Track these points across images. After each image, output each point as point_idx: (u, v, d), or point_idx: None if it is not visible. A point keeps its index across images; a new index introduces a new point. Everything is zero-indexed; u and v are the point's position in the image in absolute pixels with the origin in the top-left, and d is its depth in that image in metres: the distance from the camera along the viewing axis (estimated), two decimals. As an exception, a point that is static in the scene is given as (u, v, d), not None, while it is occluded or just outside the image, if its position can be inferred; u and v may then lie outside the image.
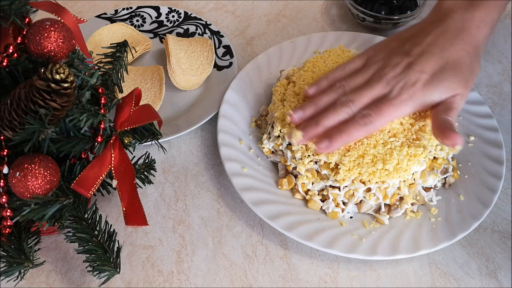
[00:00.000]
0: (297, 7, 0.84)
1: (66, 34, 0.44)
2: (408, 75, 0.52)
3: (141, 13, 0.80)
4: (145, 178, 0.55)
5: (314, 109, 0.55)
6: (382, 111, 0.52)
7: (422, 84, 0.52)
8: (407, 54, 0.54)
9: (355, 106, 0.53)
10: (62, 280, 0.54)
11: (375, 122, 0.51)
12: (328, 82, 0.57)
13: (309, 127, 0.53)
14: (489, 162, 0.60)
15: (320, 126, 0.52)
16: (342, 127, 0.52)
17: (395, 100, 0.52)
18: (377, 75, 0.54)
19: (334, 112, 0.53)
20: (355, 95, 0.53)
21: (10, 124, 0.43)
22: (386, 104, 0.52)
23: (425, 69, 0.52)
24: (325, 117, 0.53)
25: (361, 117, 0.52)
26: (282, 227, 0.54)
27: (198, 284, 0.54)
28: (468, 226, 0.54)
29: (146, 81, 0.69)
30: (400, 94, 0.52)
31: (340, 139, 0.52)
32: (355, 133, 0.52)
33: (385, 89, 0.53)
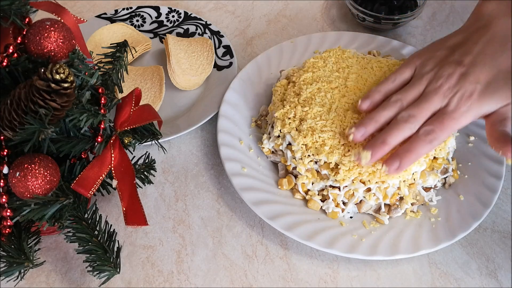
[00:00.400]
0: (297, 7, 0.84)
1: (66, 34, 0.44)
2: (464, 87, 0.52)
3: (141, 13, 0.80)
4: (145, 178, 0.55)
5: (375, 126, 0.54)
6: (444, 125, 0.52)
7: (478, 95, 0.52)
8: (458, 64, 0.54)
9: (417, 121, 0.53)
10: (62, 280, 0.54)
11: (439, 138, 0.52)
12: (381, 95, 0.57)
13: (377, 147, 0.52)
14: (489, 162, 0.60)
15: (387, 145, 0.52)
16: (409, 146, 0.52)
17: (455, 113, 0.52)
18: (432, 88, 0.54)
19: (398, 129, 0.52)
20: (415, 110, 0.53)
21: (10, 124, 0.43)
22: (447, 119, 0.52)
23: (480, 79, 0.52)
24: (390, 136, 0.52)
25: (426, 134, 0.52)
26: (282, 227, 0.54)
27: (198, 284, 0.54)
28: (468, 226, 0.54)
29: (146, 81, 0.69)
30: (459, 107, 0.52)
31: (409, 159, 0.52)
32: (422, 151, 0.52)
33: (442, 102, 0.53)
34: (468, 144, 0.62)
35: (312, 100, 0.59)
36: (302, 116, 0.58)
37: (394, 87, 0.57)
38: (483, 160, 0.60)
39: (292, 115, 0.59)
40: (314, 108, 0.58)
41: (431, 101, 0.53)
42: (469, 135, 0.63)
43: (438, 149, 0.56)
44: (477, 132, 0.63)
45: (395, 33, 0.79)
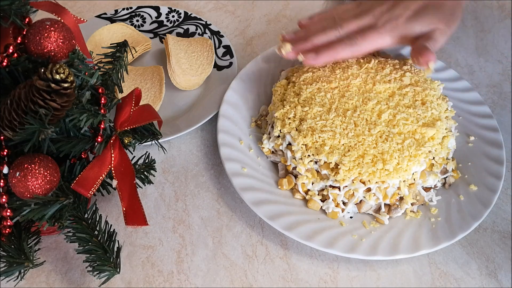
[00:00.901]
0: (297, 7, 0.84)
1: (66, 34, 0.44)
2: (394, 11, 0.59)
3: (141, 13, 0.80)
4: (145, 178, 0.55)
5: (305, 32, 0.60)
6: (367, 35, 0.58)
7: (406, 17, 0.58)
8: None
9: (343, 30, 0.59)
10: (62, 280, 0.54)
11: (360, 44, 0.57)
12: (320, 16, 0.63)
13: (299, 42, 0.59)
14: (489, 162, 0.60)
15: (309, 42, 0.59)
16: (330, 44, 0.58)
17: (380, 29, 0.58)
18: (365, 11, 0.60)
19: (323, 32, 0.59)
20: (344, 22, 0.59)
21: (10, 124, 0.43)
22: (371, 31, 0.58)
23: (410, 7, 0.58)
24: (314, 35, 0.59)
25: (348, 39, 0.58)
26: (282, 227, 0.54)
27: (198, 284, 0.54)
28: (468, 226, 0.54)
29: (146, 81, 0.69)
30: (384, 25, 0.58)
31: (327, 53, 0.57)
32: (341, 51, 0.58)
33: (371, 21, 0.59)
34: (468, 144, 0.62)
35: (312, 100, 0.59)
36: (302, 116, 0.58)
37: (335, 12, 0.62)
38: (483, 160, 0.60)
39: (292, 115, 0.59)
40: (314, 108, 0.58)
41: (360, 18, 0.59)
42: (469, 135, 0.63)
43: (438, 149, 0.56)
44: (477, 132, 0.63)
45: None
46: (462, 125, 0.64)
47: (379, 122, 0.57)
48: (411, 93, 0.59)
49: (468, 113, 0.65)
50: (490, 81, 0.72)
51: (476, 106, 0.65)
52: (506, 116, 0.67)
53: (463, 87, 0.67)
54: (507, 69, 0.74)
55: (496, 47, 0.77)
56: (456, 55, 0.76)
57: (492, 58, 0.75)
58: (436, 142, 0.56)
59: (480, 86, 0.72)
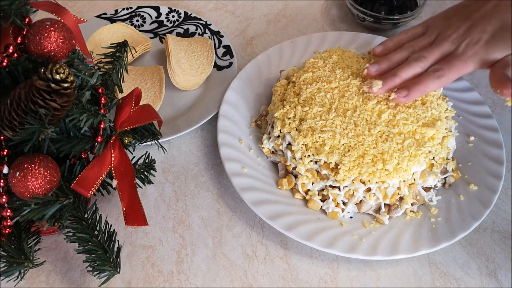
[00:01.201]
0: (297, 7, 0.84)
1: (66, 34, 0.44)
2: (471, 35, 0.57)
3: (141, 13, 0.80)
4: (145, 178, 0.55)
5: (388, 64, 0.60)
6: (452, 65, 0.56)
7: (484, 42, 0.56)
8: (467, 18, 0.59)
9: (427, 61, 0.58)
10: (62, 280, 0.54)
11: (447, 75, 0.56)
12: (393, 43, 0.62)
13: (388, 78, 0.58)
14: (489, 162, 0.60)
15: (398, 77, 0.58)
16: (418, 79, 0.57)
17: (463, 56, 0.56)
18: (442, 36, 0.59)
19: (409, 66, 0.58)
20: (426, 52, 0.58)
21: (10, 124, 0.43)
22: (455, 59, 0.57)
23: (486, 29, 0.57)
24: (401, 70, 0.58)
25: (434, 70, 0.57)
26: (282, 227, 0.54)
27: (198, 284, 0.54)
28: (468, 226, 0.54)
29: (146, 81, 0.69)
30: (466, 51, 0.57)
31: (418, 89, 0.57)
32: (430, 84, 0.57)
33: (451, 47, 0.58)
34: (468, 144, 0.62)
35: (312, 100, 0.59)
36: (302, 116, 0.58)
37: (406, 38, 0.62)
38: (483, 160, 0.60)
39: (292, 115, 0.59)
40: (314, 108, 0.58)
41: (440, 46, 0.58)
42: (469, 135, 0.63)
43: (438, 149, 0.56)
44: (477, 132, 0.63)
45: (395, 33, 0.79)
46: (462, 125, 0.64)
47: (379, 122, 0.57)
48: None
49: (468, 113, 0.65)
50: (490, 81, 0.72)
51: (476, 106, 0.65)
52: (506, 116, 0.67)
53: (463, 87, 0.67)
54: (507, 69, 0.74)
55: (496, 47, 0.77)
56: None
57: (492, 58, 0.75)
58: (436, 142, 0.56)
59: (480, 86, 0.72)
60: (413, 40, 0.61)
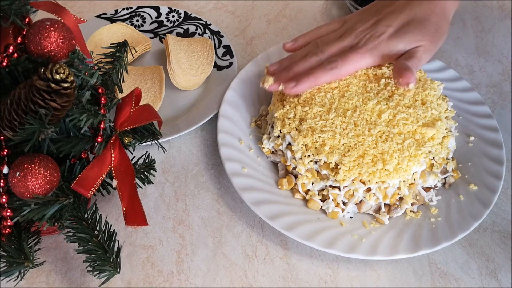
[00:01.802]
0: (297, 7, 0.84)
1: (66, 34, 0.44)
2: (375, 29, 0.57)
3: (141, 13, 0.80)
4: (145, 178, 0.55)
5: (289, 62, 0.59)
6: (347, 57, 0.56)
7: (388, 36, 0.56)
8: (377, 12, 0.59)
9: (323, 54, 0.58)
10: (62, 280, 0.54)
11: (341, 68, 0.56)
12: (305, 39, 0.62)
13: (281, 73, 0.58)
14: (489, 162, 0.60)
15: (291, 72, 0.57)
16: (309, 71, 0.57)
17: (361, 49, 0.57)
18: (348, 31, 0.59)
19: (304, 60, 0.58)
20: (326, 46, 0.58)
21: (10, 124, 0.42)
22: (352, 52, 0.57)
23: (392, 24, 0.57)
24: (296, 64, 0.58)
25: (328, 63, 0.57)
26: (282, 227, 0.54)
27: (198, 284, 0.54)
28: (468, 226, 0.54)
29: (146, 81, 0.69)
30: (366, 44, 0.57)
31: (307, 80, 0.56)
32: (322, 77, 0.56)
33: (353, 41, 0.58)
34: (468, 144, 0.62)
35: (312, 100, 0.59)
36: (302, 116, 0.58)
37: (319, 33, 0.62)
38: (483, 160, 0.60)
39: (292, 115, 0.59)
40: (314, 108, 0.58)
41: (342, 40, 0.58)
42: (469, 135, 0.63)
43: (438, 149, 0.56)
44: (477, 132, 0.63)
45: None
46: (462, 125, 0.64)
47: (379, 122, 0.57)
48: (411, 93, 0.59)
49: (468, 113, 0.65)
50: (490, 81, 0.72)
51: (476, 106, 0.65)
52: (506, 116, 0.67)
53: (463, 87, 0.67)
54: (507, 69, 0.74)
55: (496, 47, 0.77)
56: (456, 55, 0.76)
57: (492, 58, 0.75)
58: (436, 142, 0.56)
59: (480, 86, 0.72)
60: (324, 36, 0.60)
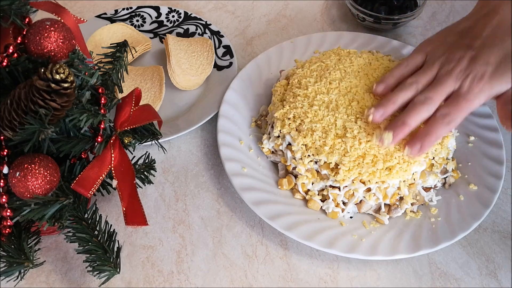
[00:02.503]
0: (297, 7, 0.84)
1: (66, 34, 0.44)
2: (475, 69, 0.54)
3: (141, 13, 0.80)
4: (145, 178, 0.55)
5: (393, 107, 0.56)
6: (459, 107, 0.54)
7: (489, 76, 0.54)
8: (468, 47, 0.56)
9: (433, 103, 0.54)
10: (62, 280, 0.54)
11: (456, 119, 0.54)
12: (395, 79, 0.59)
13: (398, 128, 0.54)
14: (489, 162, 0.60)
15: (407, 126, 0.54)
16: (428, 129, 0.54)
17: (468, 95, 0.54)
18: (445, 71, 0.55)
19: (416, 111, 0.54)
20: (431, 93, 0.55)
21: (10, 124, 0.43)
22: (462, 101, 0.54)
23: (490, 61, 0.54)
24: (409, 117, 0.54)
25: (443, 116, 0.54)
26: (282, 227, 0.54)
27: (198, 284, 0.54)
28: (468, 226, 0.54)
29: (146, 81, 0.69)
30: (471, 88, 0.54)
31: (429, 140, 0.54)
32: (441, 132, 0.54)
33: (455, 84, 0.55)
34: (468, 144, 0.62)
35: (312, 100, 0.59)
36: (302, 117, 0.58)
37: (407, 71, 0.59)
38: (483, 160, 0.60)
39: (292, 116, 0.59)
40: (314, 108, 0.58)
41: (445, 84, 0.55)
42: (469, 135, 0.63)
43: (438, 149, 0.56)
44: (477, 132, 0.63)
45: (395, 33, 0.79)
46: (462, 125, 0.64)
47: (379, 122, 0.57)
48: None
49: (468, 113, 0.65)
50: (490, 81, 0.72)
51: (476, 106, 0.65)
52: (506, 116, 0.67)
53: (463, 87, 0.67)
54: (507, 69, 0.74)
55: (496, 47, 0.77)
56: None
57: (492, 58, 0.75)
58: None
59: (480, 86, 0.71)
60: (414, 75, 0.57)
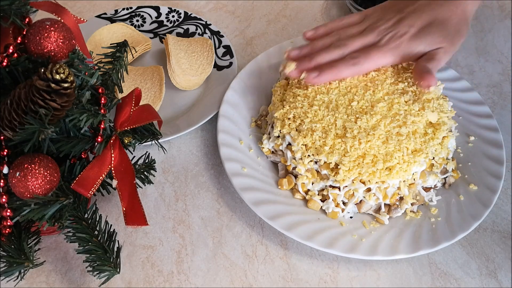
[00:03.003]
0: (297, 7, 0.84)
1: (66, 34, 0.44)
2: (397, 28, 0.58)
3: (141, 13, 0.80)
4: (145, 178, 0.55)
5: (309, 50, 0.60)
6: (370, 55, 0.57)
7: (409, 36, 0.57)
8: (399, 11, 0.59)
9: (346, 48, 0.58)
10: (62, 280, 0.54)
11: (363, 64, 0.57)
12: (326, 29, 0.62)
13: (303, 61, 0.59)
14: (489, 162, 0.60)
15: (313, 61, 0.58)
16: (332, 63, 0.58)
17: (383, 47, 0.57)
18: (370, 27, 0.60)
19: (327, 51, 0.59)
20: (348, 40, 0.59)
21: (10, 124, 0.43)
22: (374, 50, 0.57)
23: (414, 24, 0.57)
24: (318, 54, 0.59)
25: (351, 58, 0.58)
26: (282, 227, 0.54)
27: (198, 284, 0.54)
28: (468, 226, 0.54)
29: (146, 81, 0.69)
30: (388, 43, 0.57)
31: (330, 72, 0.57)
32: (344, 71, 0.57)
33: (375, 38, 0.58)
34: (468, 144, 0.62)
35: (312, 100, 0.59)
36: (302, 117, 0.58)
37: (340, 25, 0.62)
38: (483, 160, 0.60)
39: (292, 116, 0.59)
40: (314, 108, 0.58)
41: (365, 36, 0.59)
42: (469, 135, 0.63)
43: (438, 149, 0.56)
44: (477, 132, 0.63)
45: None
46: (462, 125, 0.64)
47: (380, 123, 0.56)
48: (411, 93, 0.59)
49: (468, 113, 0.65)
50: (490, 81, 0.72)
51: (476, 106, 0.65)
52: (506, 116, 0.67)
53: (463, 87, 0.67)
54: (507, 69, 0.74)
55: (496, 47, 0.77)
56: (456, 55, 0.76)
57: (492, 58, 0.75)
58: (436, 142, 0.56)
59: (480, 86, 0.72)
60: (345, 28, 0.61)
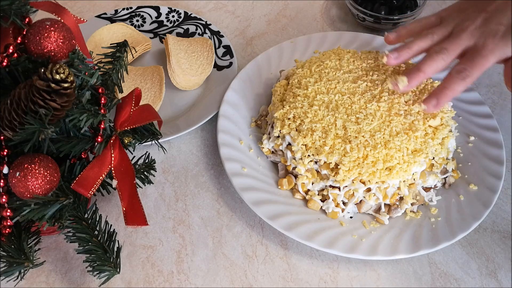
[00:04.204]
0: (297, 7, 0.84)
1: (66, 34, 0.44)
2: (488, 27, 0.55)
3: (141, 13, 0.80)
4: (145, 178, 0.55)
5: (408, 52, 0.57)
6: (474, 63, 0.54)
7: (502, 35, 0.54)
8: (482, 10, 0.57)
9: (449, 54, 0.55)
10: (62, 280, 0.54)
11: (472, 75, 0.54)
12: (407, 31, 0.60)
13: (413, 73, 0.55)
14: (489, 162, 0.60)
15: (422, 72, 0.55)
16: (444, 84, 0.55)
17: (483, 50, 0.54)
18: (460, 27, 0.56)
19: (431, 59, 0.55)
20: (447, 44, 0.56)
21: (10, 124, 0.43)
22: (477, 56, 0.54)
23: (503, 22, 0.55)
24: (424, 64, 0.55)
25: (458, 72, 0.54)
26: (282, 227, 0.54)
27: (198, 284, 0.54)
28: (468, 226, 0.54)
29: (146, 81, 0.69)
30: (486, 44, 0.54)
31: (445, 95, 0.55)
32: (457, 88, 0.55)
33: (470, 41, 0.55)
34: (468, 144, 0.62)
35: (312, 100, 0.59)
36: (302, 117, 0.58)
37: (420, 27, 0.60)
38: (483, 160, 0.60)
39: (291, 116, 0.59)
40: (314, 108, 0.58)
41: (460, 37, 0.55)
42: (469, 135, 0.63)
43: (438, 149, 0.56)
44: (477, 132, 0.63)
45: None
46: (462, 125, 0.64)
47: (380, 123, 0.56)
48: (411, 93, 0.59)
49: (468, 113, 0.65)
50: (490, 81, 0.72)
51: (476, 106, 0.65)
52: (506, 116, 0.67)
53: (463, 87, 0.67)
54: (507, 69, 0.74)
55: (496, 47, 0.77)
56: (456, 55, 0.76)
57: (492, 58, 0.75)
58: (436, 142, 0.56)
59: (480, 86, 0.72)
60: (430, 29, 0.58)
